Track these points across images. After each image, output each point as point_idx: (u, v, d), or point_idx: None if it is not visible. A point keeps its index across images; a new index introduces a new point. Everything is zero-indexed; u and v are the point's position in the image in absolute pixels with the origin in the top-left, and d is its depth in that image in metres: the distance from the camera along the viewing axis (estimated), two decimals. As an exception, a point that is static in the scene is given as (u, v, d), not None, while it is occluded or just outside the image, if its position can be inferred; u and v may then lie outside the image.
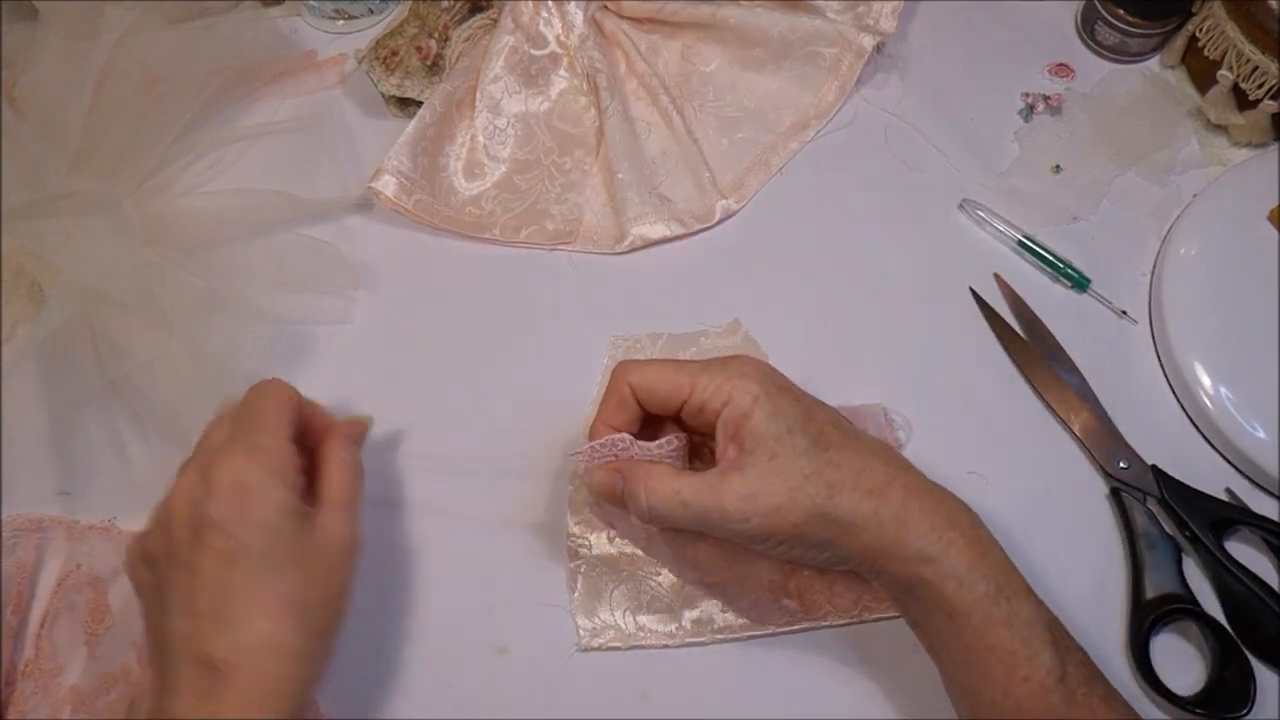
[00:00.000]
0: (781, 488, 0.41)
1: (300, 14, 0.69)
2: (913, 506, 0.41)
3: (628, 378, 0.45)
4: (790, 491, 0.41)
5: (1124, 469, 0.52)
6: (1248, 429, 0.51)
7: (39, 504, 0.54)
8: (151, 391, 0.52)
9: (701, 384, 0.43)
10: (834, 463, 0.42)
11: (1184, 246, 0.56)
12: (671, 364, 0.45)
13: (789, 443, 0.42)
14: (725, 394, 0.43)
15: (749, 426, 0.42)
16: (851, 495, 0.41)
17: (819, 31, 0.62)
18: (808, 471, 0.41)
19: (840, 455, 0.42)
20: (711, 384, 0.43)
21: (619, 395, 0.45)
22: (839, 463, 0.42)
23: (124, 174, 0.57)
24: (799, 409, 0.43)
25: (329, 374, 0.57)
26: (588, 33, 0.63)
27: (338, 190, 0.61)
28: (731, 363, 0.44)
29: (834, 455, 0.42)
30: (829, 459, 0.42)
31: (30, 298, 0.57)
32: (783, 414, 0.42)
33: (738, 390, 0.42)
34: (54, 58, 0.59)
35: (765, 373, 0.44)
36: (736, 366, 0.44)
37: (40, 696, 0.49)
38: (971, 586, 0.40)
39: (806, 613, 0.49)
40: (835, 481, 0.41)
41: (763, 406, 0.42)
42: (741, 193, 0.61)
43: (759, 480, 0.41)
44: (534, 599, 0.51)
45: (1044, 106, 0.63)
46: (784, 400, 0.43)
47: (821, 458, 0.42)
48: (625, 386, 0.45)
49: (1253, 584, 0.48)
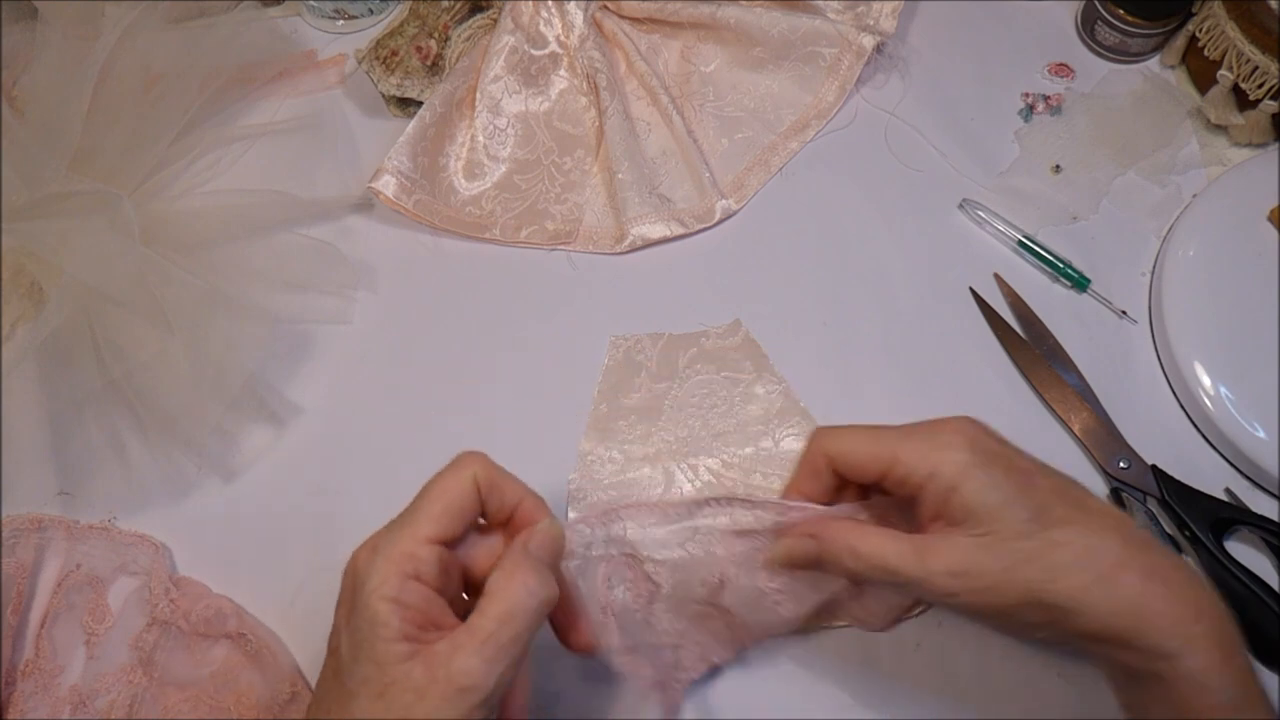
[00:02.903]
0: (995, 567, 0.37)
1: (300, 14, 0.69)
2: (1153, 594, 0.37)
3: (824, 447, 0.41)
4: (1006, 572, 0.37)
5: (1124, 469, 0.52)
6: (1248, 429, 0.51)
7: (39, 504, 0.54)
8: (151, 391, 0.52)
9: (904, 454, 0.39)
10: (1057, 542, 0.37)
11: (1184, 246, 0.56)
12: (871, 432, 0.41)
13: (1004, 517, 0.38)
14: (930, 465, 0.39)
15: (957, 500, 0.38)
16: (1078, 579, 0.37)
17: (819, 31, 0.62)
18: (1027, 553, 0.37)
19: (1066, 534, 0.37)
20: (915, 453, 0.39)
21: (813, 465, 0.42)
22: (1063, 542, 0.37)
23: (124, 174, 0.57)
24: (1015, 479, 0.38)
25: (329, 374, 0.57)
26: (588, 33, 0.63)
27: (338, 190, 0.61)
28: (938, 428, 0.40)
29: (1057, 534, 0.37)
30: (1050, 538, 0.37)
31: (30, 298, 0.57)
32: (997, 485, 0.38)
33: (945, 462, 0.38)
34: (54, 58, 0.59)
35: (975, 438, 0.39)
36: (944, 433, 0.39)
37: (40, 696, 0.49)
38: (1212, 693, 0.36)
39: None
40: (1058, 564, 0.37)
41: (974, 478, 0.38)
42: (741, 193, 0.61)
43: (970, 556, 0.38)
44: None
45: (1044, 106, 0.63)
46: (997, 469, 0.38)
47: (1043, 536, 0.37)
48: (820, 457, 0.42)
49: (1253, 584, 0.48)
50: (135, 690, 0.49)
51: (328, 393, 0.57)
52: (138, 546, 0.52)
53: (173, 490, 0.54)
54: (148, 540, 0.52)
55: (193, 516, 0.54)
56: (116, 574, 0.52)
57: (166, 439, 0.53)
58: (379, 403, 0.56)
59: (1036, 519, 0.38)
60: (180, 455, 0.54)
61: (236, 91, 0.64)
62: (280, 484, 0.54)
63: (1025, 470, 0.39)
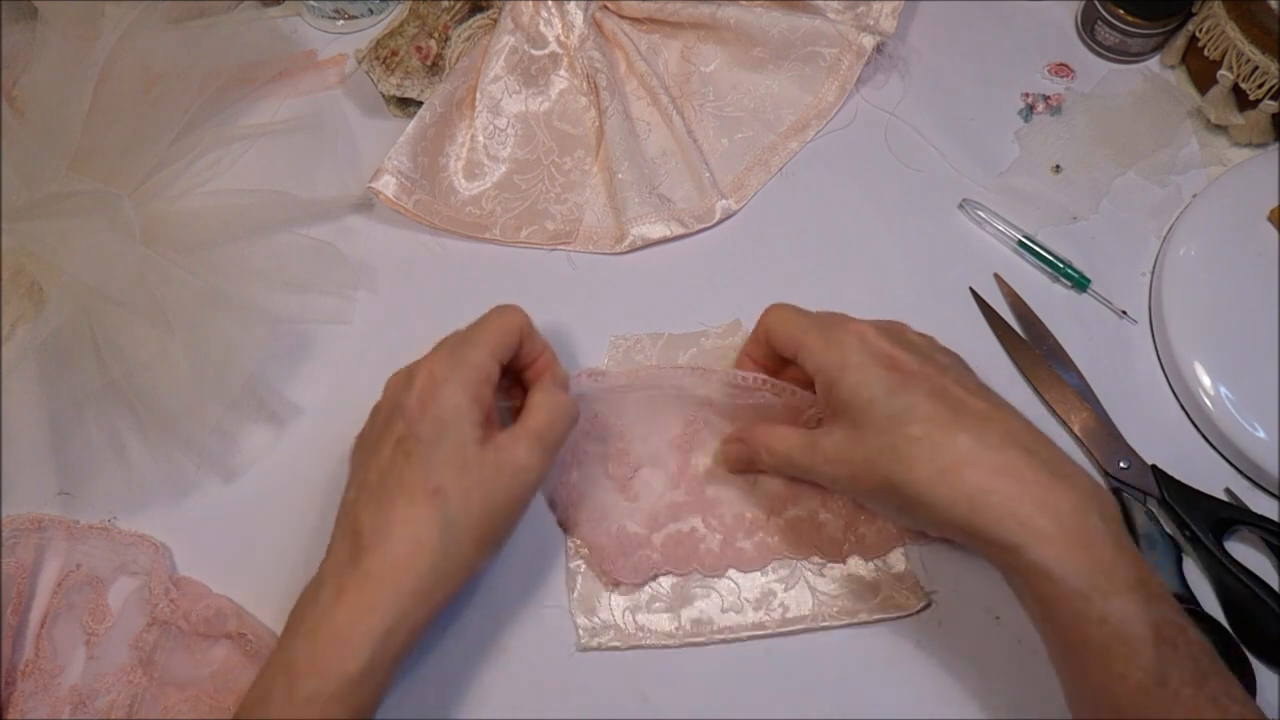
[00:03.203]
0: (859, 455, 0.43)
1: (300, 14, 0.69)
2: (996, 490, 0.40)
3: (764, 319, 0.49)
4: (867, 462, 0.43)
5: (1124, 469, 0.52)
6: (1248, 429, 0.51)
7: (39, 504, 0.54)
8: (151, 391, 0.52)
9: (805, 344, 0.45)
10: (911, 437, 0.41)
11: (1184, 246, 0.56)
12: (794, 317, 0.47)
13: (871, 413, 0.43)
14: (819, 360, 0.45)
15: (837, 393, 0.44)
16: (924, 473, 0.41)
17: (819, 31, 0.62)
18: (883, 444, 0.42)
19: (921, 429, 0.41)
20: (812, 346, 0.45)
21: (758, 334, 0.49)
22: (917, 437, 0.41)
23: (124, 174, 0.57)
24: (890, 379, 0.43)
25: (329, 374, 0.57)
26: (588, 33, 0.63)
27: (338, 190, 0.61)
28: (835, 327, 0.45)
29: (914, 429, 0.42)
30: (908, 434, 0.42)
31: (30, 298, 0.57)
32: (869, 383, 0.43)
33: (830, 358, 0.44)
34: (54, 58, 0.59)
35: (863, 339, 0.45)
36: (836, 333, 0.45)
37: (40, 696, 0.49)
38: (1059, 580, 0.38)
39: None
40: (908, 457, 0.41)
41: (849, 375, 0.43)
42: (742, 193, 0.61)
43: (841, 446, 0.44)
44: (534, 599, 0.51)
45: (1044, 106, 0.63)
46: (874, 370, 0.43)
47: (900, 432, 0.42)
48: (763, 327, 0.49)
49: (1253, 584, 0.48)
50: (135, 690, 0.49)
51: (328, 393, 0.57)
52: (138, 546, 0.52)
53: (173, 490, 0.54)
54: (148, 540, 0.52)
55: (193, 516, 0.54)
56: (116, 574, 0.52)
57: (166, 439, 0.53)
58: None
59: (899, 416, 0.42)
60: (180, 455, 0.54)
61: (236, 91, 0.64)
62: (280, 484, 0.54)
63: (907, 371, 0.44)
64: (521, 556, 0.52)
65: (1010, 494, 0.40)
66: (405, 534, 0.42)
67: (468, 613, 0.51)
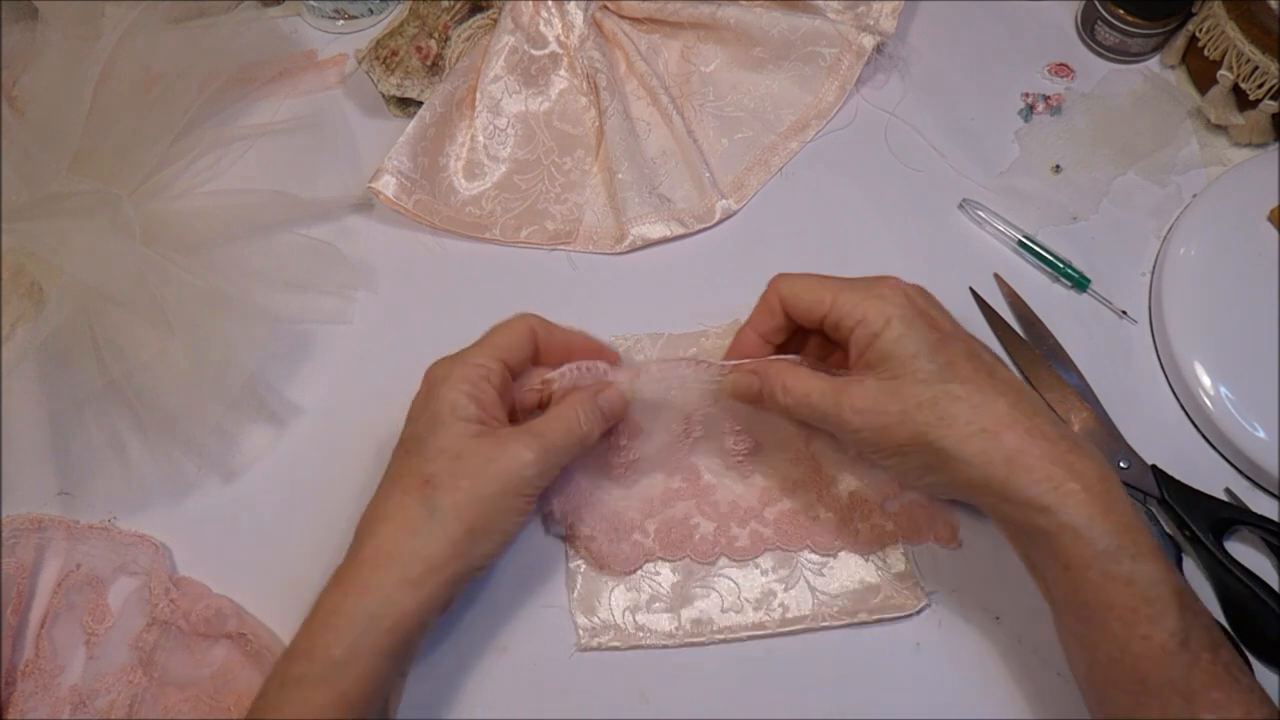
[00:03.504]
0: (894, 408, 0.42)
1: (300, 14, 0.69)
2: (1030, 451, 0.41)
3: (779, 288, 0.48)
4: (901, 414, 0.42)
5: (1124, 469, 0.52)
6: (1248, 429, 0.51)
7: (39, 504, 0.54)
8: (151, 391, 0.52)
9: (841, 300, 0.45)
10: (953, 394, 0.42)
11: (1184, 246, 0.56)
12: (819, 279, 0.47)
13: (912, 366, 0.43)
14: (861, 312, 0.44)
15: (877, 345, 0.43)
16: (963, 431, 0.41)
17: (819, 31, 0.62)
18: (923, 398, 0.42)
19: (963, 389, 0.42)
20: (849, 301, 0.44)
21: (769, 304, 0.48)
22: (959, 395, 0.42)
23: (124, 174, 0.57)
24: (932, 336, 0.43)
25: (329, 374, 0.57)
26: (588, 33, 0.63)
27: (338, 190, 0.61)
28: (876, 283, 0.45)
29: (955, 388, 0.42)
30: (948, 390, 0.42)
31: (30, 298, 0.57)
32: (912, 337, 0.43)
33: (873, 310, 0.44)
34: (54, 58, 0.59)
35: (907, 296, 0.44)
36: (879, 287, 0.45)
37: (40, 696, 0.49)
38: (1090, 541, 0.39)
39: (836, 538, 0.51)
40: (949, 414, 0.42)
41: (893, 328, 0.43)
42: (742, 193, 0.61)
43: (875, 396, 0.43)
44: (534, 599, 0.51)
45: (1044, 106, 0.63)
46: (919, 324, 0.43)
47: (941, 388, 0.42)
48: (775, 296, 0.48)
49: (1253, 584, 0.48)
50: (135, 690, 0.49)
51: (328, 393, 0.57)
52: (138, 546, 0.52)
53: (173, 490, 0.54)
54: (148, 540, 0.52)
55: (193, 516, 0.54)
56: (116, 574, 0.52)
57: (166, 439, 0.53)
58: (379, 403, 0.56)
59: (940, 372, 0.42)
60: (180, 455, 0.54)
61: (236, 91, 0.64)
62: (280, 484, 0.54)
63: (945, 331, 0.44)
64: (521, 556, 0.52)
65: (1045, 457, 0.41)
66: (396, 522, 0.43)
67: (468, 613, 0.51)
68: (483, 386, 0.45)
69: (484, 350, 0.46)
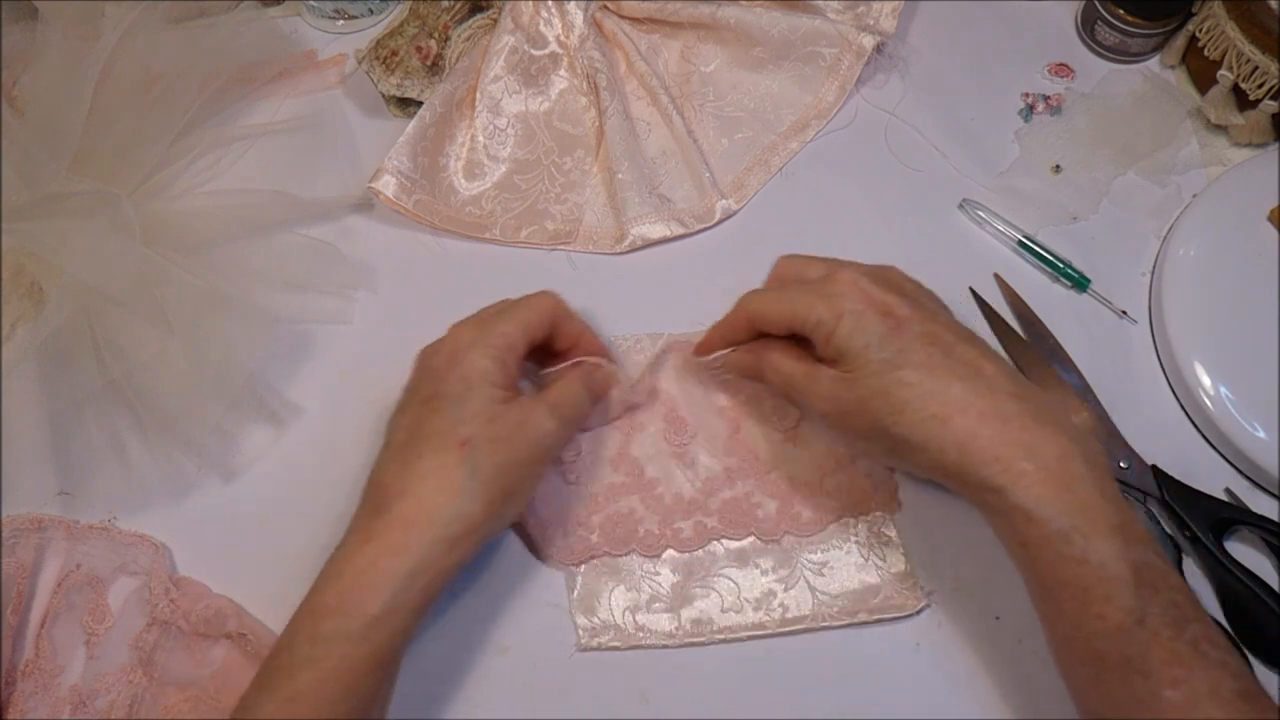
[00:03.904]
0: (853, 398, 0.44)
1: (300, 14, 0.69)
2: (982, 434, 0.41)
3: (746, 307, 0.49)
4: (859, 404, 0.44)
5: (1124, 469, 0.52)
6: (1248, 429, 0.51)
7: (39, 504, 0.54)
8: (151, 391, 0.52)
9: (800, 307, 0.46)
10: (904, 382, 0.43)
11: (1184, 246, 0.56)
12: (778, 294, 0.48)
13: (865, 358, 0.44)
14: (816, 314, 0.45)
15: (833, 342, 0.45)
16: (915, 417, 0.42)
17: (819, 31, 0.62)
18: (876, 388, 0.43)
19: (915, 375, 0.43)
20: (806, 306, 0.46)
21: (734, 323, 0.50)
22: (910, 382, 0.43)
23: (124, 174, 0.57)
24: (885, 325, 0.44)
25: (329, 374, 0.57)
26: (588, 33, 0.63)
27: (338, 190, 0.61)
28: (828, 281, 0.46)
29: (907, 374, 0.43)
30: (899, 378, 0.43)
31: (30, 298, 0.57)
32: (864, 330, 0.44)
33: (825, 309, 0.45)
34: (54, 58, 0.59)
35: (859, 289, 0.45)
36: (831, 285, 0.46)
37: (40, 696, 0.49)
38: (1042, 522, 0.40)
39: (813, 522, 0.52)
40: (900, 400, 0.43)
41: (844, 324, 0.44)
42: (742, 193, 0.61)
43: (835, 387, 0.45)
44: (534, 599, 0.51)
45: (1044, 106, 0.63)
46: (869, 317, 0.44)
47: (892, 376, 0.43)
48: (743, 317, 0.49)
49: (1253, 584, 0.48)
50: (135, 690, 0.49)
51: (328, 393, 0.57)
52: (138, 546, 0.52)
53: (173, 490, 0.54)
54: (148, 540, 0.52)
55: (193, 516, 0.54)
56: (116, 574, 0.52)
57: (166, 439, 0.53)
58: (379, 403, 0.56)
59: (892, 361, 0.43)
60: (180, 455, 0.54)
61: (236, 91, 0.64)
62: (280, 484, 0.54)
63: (900, 318, 0.44)
64: (521, 556, 0.52)
65: (997, 438, 0.41)
66: (434, 481, 0.43)
67: (468, 612, 0.51)
68: (508, 358, 0.47)
69: (511, 322, 0.48)
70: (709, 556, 0.51)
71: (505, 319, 0.48)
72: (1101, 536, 0.39)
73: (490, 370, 0.46)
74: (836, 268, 0.48)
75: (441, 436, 0.44)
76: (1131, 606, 0.38)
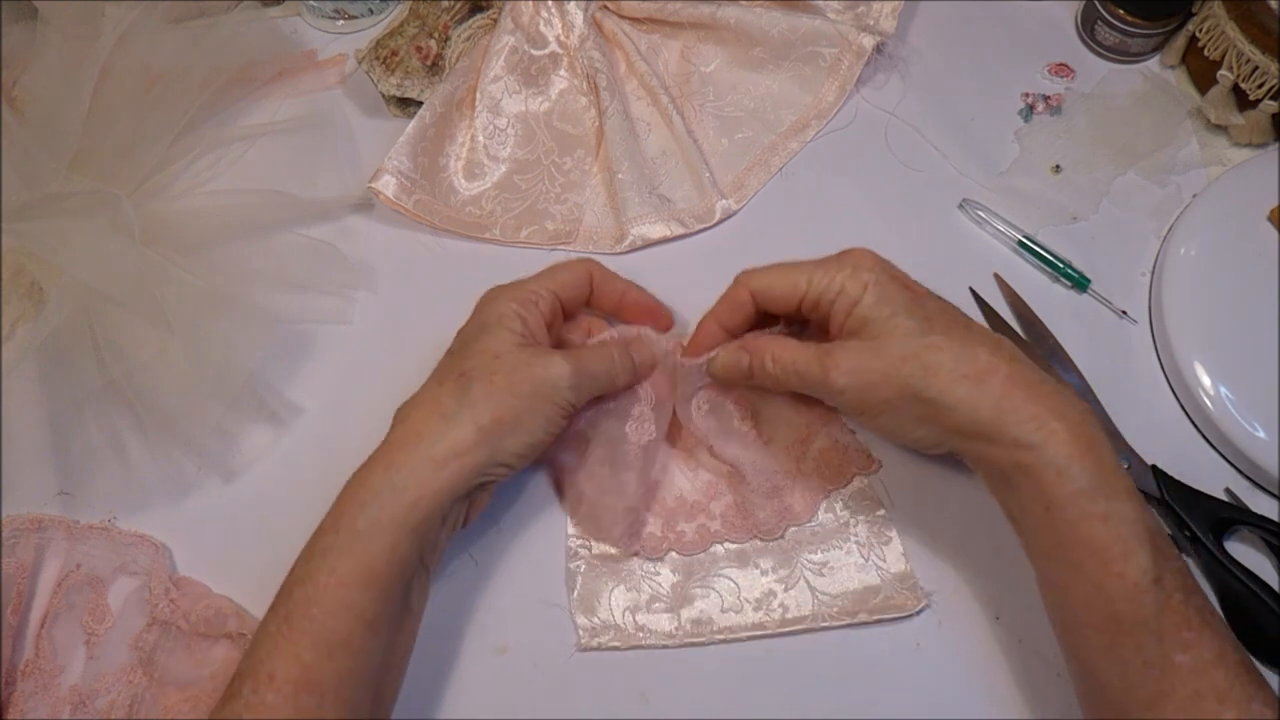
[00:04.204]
0: (880, 365, 0.44)
1: (300, 14, 0.69)
2: (1014, 394, 0.42)
3: (748, 283, 0.49)
4: (886, 370, 0.44)
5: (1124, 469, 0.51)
6: (1248, 429, 0.51)
7: (39, 504, 0.54)
8: (151, 391, 0.52)
9: (817, 279, 0.47)
10: (935, 346, 0.44)
11: (1184, 246, 0.56)
12: (785, 266, 0.48)
13: (893, 325, 0.45)
14: (839, 284, 0.46)
15: (858, 311, 0.45)
16: (948, 378, 0.43)
17: (819, 31, 0.62)
18: (906, 353, 0.44)
19: (944, 340, 0.44)
20: (825, 277, 0.46)
21: (736, 299, 0.50)
22: (941, 346, 0.44)
23: (124, 174, 0.57)
24: (907, 295, 0.45)
25: (329, 374, 0.57)
26: (588, 33, 0.63)
27: (338, 190, 0.61)
28: (845, 256, 0.47)
29: (937, 340, 0.44)
30: (930, 343, 0.44)
31: (30, 298, 0.57)
32: (890, 299, 0.45)
33: (849, 280, 0.46)
34: (54, 58, 0.59)
35: (878, 262, 0.47)
36: (849, 259, 0.47)
37: (40, 696, 0.49)
38: (1070, 479, 0.41)
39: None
40: (933, 364, 0.43)
41: (871, 292, 0.45)
42: (742, 193, 0.61)
43: (860, 356, 0.45)
44: (534, 599, 0.51)
45: (1044, 106, 0.63)
46: (893, 287, 0.45)
47: (922, 341, 0.44)
48: (745, 292, 0.49)
49: (1253, 584, 0.48)
50: (135, 690, 0.49)
51: (328, 393, 0.57)
52: (138, 546, 0.52)
53: (173, 490, 0.54)
54: (148, 540, 0.52)
55: (193, 516, 0.54)
56: (116, 574, 0.52)
57: (166, 439, 0.53)
58: (379, 403, 0.56)
59: (921, 327, 0.44)
60: (180, 455, 0.54)
61: (236, 91, 0.64)
62: (280, 484, 0.54)
63: (918, 292, 0.46)
64: (521, 556, 0.52)
65: (1029, 398, 0.42)
66: (426, 406, 0.46)
67: (468, 612, 0.51)
68: (531, 308, 0.49)
69: (540, 280, 0.50)
70: (709, 557, 0.51)
71: (537, 276, 0.51)
72: (1122, 498, 0.41)
73: (506, 314, 0.48)
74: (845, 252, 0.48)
75: (445, 370, 0.47)
76: (1149, 566, 0.39)
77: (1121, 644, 0.40)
